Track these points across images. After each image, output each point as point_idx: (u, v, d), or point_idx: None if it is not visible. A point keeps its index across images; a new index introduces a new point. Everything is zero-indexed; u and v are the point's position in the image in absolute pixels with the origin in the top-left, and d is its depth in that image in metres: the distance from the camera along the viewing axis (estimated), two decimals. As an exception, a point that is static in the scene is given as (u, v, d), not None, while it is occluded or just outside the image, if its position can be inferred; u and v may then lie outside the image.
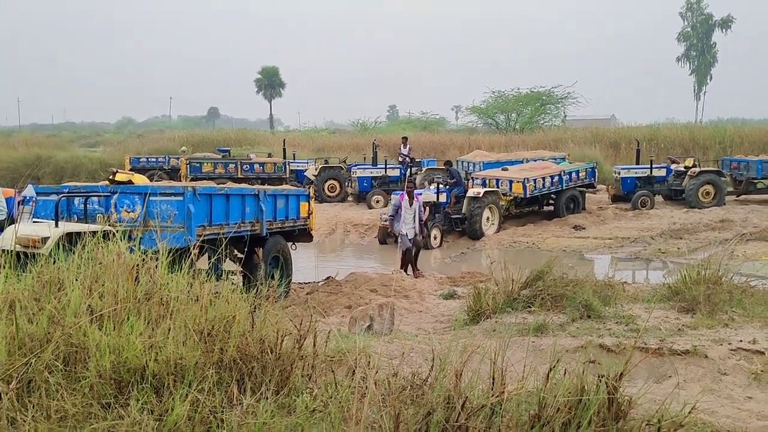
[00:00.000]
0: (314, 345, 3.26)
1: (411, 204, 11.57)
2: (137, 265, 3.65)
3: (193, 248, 4.47)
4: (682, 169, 19.84)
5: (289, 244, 10.23)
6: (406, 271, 11.29)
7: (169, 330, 3.02)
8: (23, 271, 3.87)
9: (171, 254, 4.05)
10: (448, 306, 8.36)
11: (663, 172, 19.91)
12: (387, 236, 15.60)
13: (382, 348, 4.49)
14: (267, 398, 2.59)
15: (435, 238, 15.08)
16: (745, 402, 3.89)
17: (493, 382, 2.38)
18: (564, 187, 17.62)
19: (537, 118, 43.32)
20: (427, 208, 13.09)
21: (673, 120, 46.17)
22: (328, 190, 21.87)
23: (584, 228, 16.49)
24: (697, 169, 19.20)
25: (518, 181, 16.70)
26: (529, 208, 17.97)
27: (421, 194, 13.02)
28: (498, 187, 16.75)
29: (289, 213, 10.18)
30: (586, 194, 18.87)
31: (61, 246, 4.63)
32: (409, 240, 11.47)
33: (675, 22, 70.66)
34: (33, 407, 2.55)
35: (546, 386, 2.33)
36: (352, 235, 17.17)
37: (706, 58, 62.54)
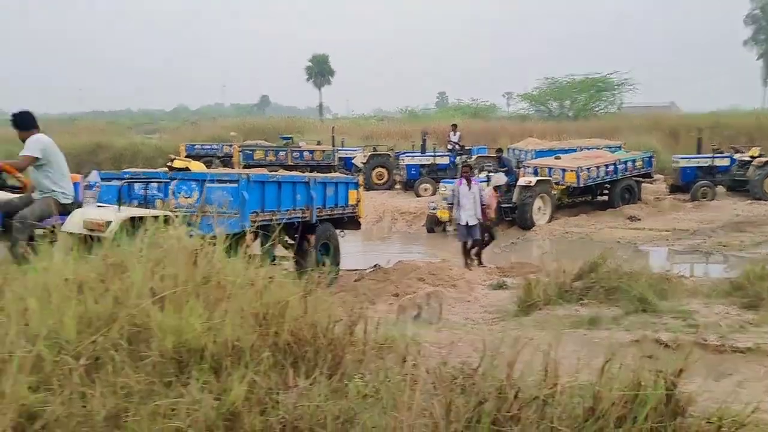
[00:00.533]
0: (365, 331, 3.30)
1: (470, 189, 10.92)
2: (196, 249, 3.76)
3: (248, 234, 4.59)
4: (747, 158, 18.98)
5: (338, 231, 10.35)
6: (468, 262, 10.84)
7: (226, 313, 3.11)
8: (88, 254, 4.03)
9: (226, 239, 4.15)
10: (497, 296, 8.32)
11: (726, 162, 19.18)
12: (435, 225, 15.59)
13: (430, 337, 4.51)
14: (320, 382, 2.64)
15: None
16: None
17: (546, 374, 2.37)
18: (619, 177, 17.22)
19: (592, 105, 42.34)
20: (494, 193, 12.24)
21: (738, 107, 44.29)
22: (376, 178, 21.92)
23: (640, 219, 16.10)
24: (764, 159, 18.40)
25: (571, 170, 16.41)
26: (583, 197, 17.64)
27: (481, 180, 12.29)
28: (550, 176, 16.48)
29: (338, 200, 10.29)
30: (643, 184, 18.36)
31: (123, 230, 4.82)
32: (469, 228, 10.88)
33: (742, 4, 67.15)
34: (100, 383, 2.66)
35: (601, 380, 2.31)
36: (399, 223, 17.20)
37: (775, 41, 59.53)
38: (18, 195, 5.93)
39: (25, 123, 5.82)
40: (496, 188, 12.92)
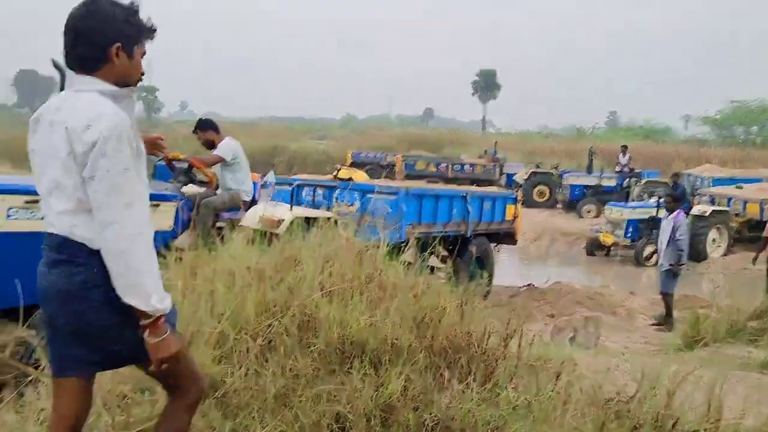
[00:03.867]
0: (519, 346, 3.34)
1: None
2: (361, 251, 4.03)
3: (408, 244, 4.79)
4: None
5: (493, 245, 10.32)
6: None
7: (387, 312, 3.30)
8: (265, 246, 4.45)
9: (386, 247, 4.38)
10: (659, 328, 7.86)
11: None
12: (597, 248, 14.98)
13: (586, 360, 4.42)
14: (473, 389, 2.72)
15: (650, 256, 14.15)
16: None
17: (709, 409, 2.28)
18: (813, 216, 15.44)
19: (785, 133, 38.32)
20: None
21: None
22: (537, 196, 21.49)
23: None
24: None
25: (754, 202, 15.00)
26: (755, 233, 16.03)
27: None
28: (729, 207, 15.18)
29: (495, 215, 10.26)
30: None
31: (293, 228, 5.22)
32: (665, 273, 8.73)
33: None
34: (272, 363, 2.95)
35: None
36: (558, 243, 16.74)
37: None
38: (205, 190, 6.42)
39: (213, 126, 6.49)
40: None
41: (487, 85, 75.78)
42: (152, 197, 5.39)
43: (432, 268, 8.20)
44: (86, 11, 1.89)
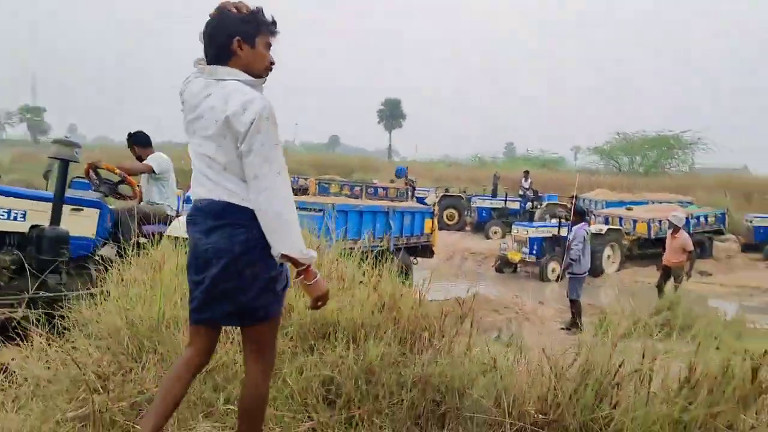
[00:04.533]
0: (471, 325, 3.73)
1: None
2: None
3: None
4: (826, 222, 18.64)
5: (411, 258, 10.78)
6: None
7: (352, 297, 3.61)
8: None
9: None
10: (570, 332, 8.54)
11: (802, 224, 18.82)
12: (505, 266, 15.85)
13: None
14: (441, 355, 3.09)
15: (553, 271, 15.15)
16: None
17: (643, 357, 2.76)
18: (691, 232, 17.07)
19: (663, 163, 41.75)
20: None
21: (816, 173, 42.71)
22: (447, 218, 22.34)
23: (711, 274, 15.91)
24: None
25: (643, 221, 16.43)
26: (653, 250, 17.54)
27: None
28: (621, 226, 16.54)
29: (414, 229, 10.76)
30: (714, 242, 18.14)
31: None
32: (569, 281, 9.56)
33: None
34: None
35: (696, 356, 2.66)
36: (469, 262, 17.52)
37: None
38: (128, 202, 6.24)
39: (144, 141, 6.41)
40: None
41: (392, 114, 77.61)
42: (75, 201, 5.35)
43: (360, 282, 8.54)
44: (213, 18, 2.30)
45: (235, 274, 2.21)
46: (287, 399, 2.81)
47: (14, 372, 3.16)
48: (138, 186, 6.12)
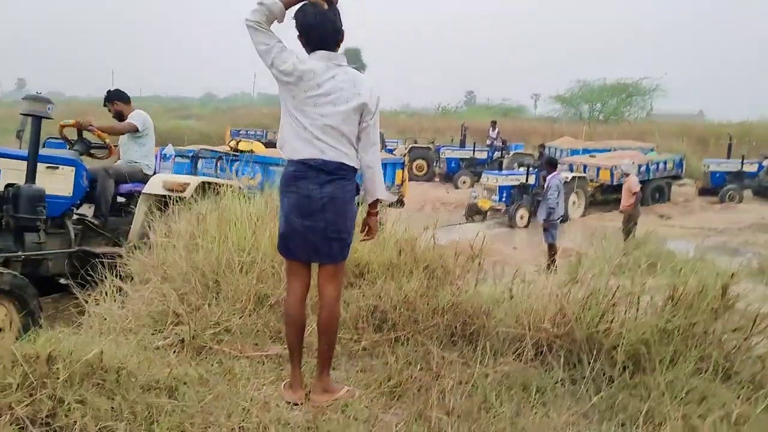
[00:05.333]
0: (479, 264, 4.29)
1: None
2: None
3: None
4: (775, 165, 19.73)
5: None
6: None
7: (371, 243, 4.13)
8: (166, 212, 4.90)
9: None
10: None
11: (754, 168, 19.87)
12: (474, 213, 16.49)
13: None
14: (461, 286, 3.65)
15: (522, 218, 15.84)
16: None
17: (633, 278, 3.37)
18: (650, 177, 17.96)
19: (622, 110, 42.84)
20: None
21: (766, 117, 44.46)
22: (416, 170, 22.82)
23: (671, 217, 16.89)
24: (791, 167, 19.11)
25: (606, 168, 17.20)
26: (615, 195, 18.40)
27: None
28: (585, 173, 17.30)
29: (386, 179, 11.20)
30: (672, 186, 19.11)
31: (201, 193, 5.41)
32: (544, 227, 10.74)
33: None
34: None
35: (678, 277, 3.28)
36: (440, 212, 18.14)
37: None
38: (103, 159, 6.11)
39: (126, 98, 6.29)
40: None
41: (352, 63, 76.83)
42: (50, 159, 5.34)
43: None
44: (322, 10, 2.86)
45: (343, 217, 2.83)
46: (342, 324, 3.35)
47: (90, 313, 3.61)
48: (115, 145, 6.07)
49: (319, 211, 2.78)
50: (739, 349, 3.04)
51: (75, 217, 5.45)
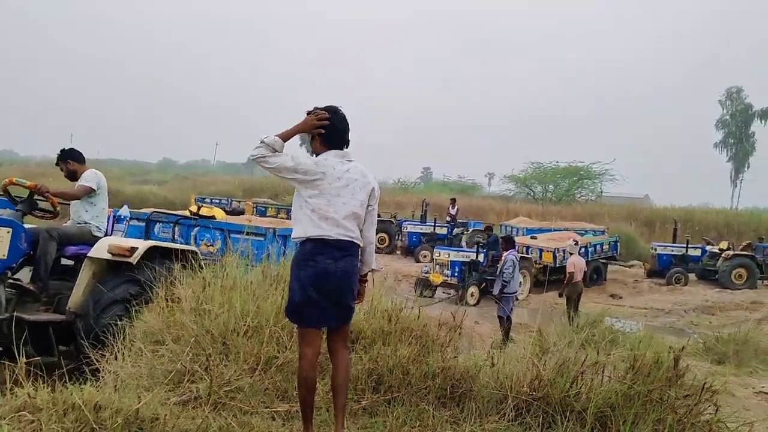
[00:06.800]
0: (456, 332, 4.72)
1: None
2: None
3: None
4: (717, 251, 20.78)
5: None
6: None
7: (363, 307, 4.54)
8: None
9: None
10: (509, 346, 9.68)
11: (698, 252, 20.99)
12: (424, 288, 16.70)
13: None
14: (445, 352, 4.06)
15: (472, 295, 16.17)
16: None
17: (598, 349, 3.84)
18: (589, 259, 18.61)
19: (574, 191, 44.69)
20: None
21: (708, 204, 47.01)
22: (378, 242, 23.36)
23: (621, 297, 17.68)
24: (731, 252, 20.17)
25: (548, 251, 17.77)
26: (556, 276, 18.94)
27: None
28: (528, 254, 17.90)
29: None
30: (613, 267, 19.94)
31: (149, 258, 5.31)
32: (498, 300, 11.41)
33: (714, 110, 71.33)
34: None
35: (638, 349, 3.76)
36: (402, 284, 18.58)
37: (744, 146, 62.67)
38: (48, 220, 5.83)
39: (78, 157, 6.00)
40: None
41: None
42: None
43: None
44: (342, 115, 3.51)
45: (353, 287, 3.34)
46: (343, 386, 3.69)
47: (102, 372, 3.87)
48: (58, 203, 5.68)
49: (335, 282, 3.23)
50: (690, 413, 3.51)
51: (9, 280, 5.16)
